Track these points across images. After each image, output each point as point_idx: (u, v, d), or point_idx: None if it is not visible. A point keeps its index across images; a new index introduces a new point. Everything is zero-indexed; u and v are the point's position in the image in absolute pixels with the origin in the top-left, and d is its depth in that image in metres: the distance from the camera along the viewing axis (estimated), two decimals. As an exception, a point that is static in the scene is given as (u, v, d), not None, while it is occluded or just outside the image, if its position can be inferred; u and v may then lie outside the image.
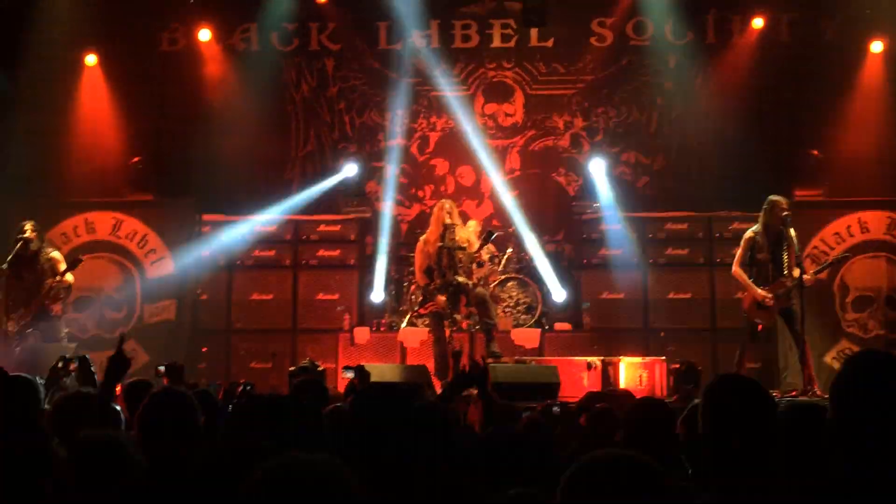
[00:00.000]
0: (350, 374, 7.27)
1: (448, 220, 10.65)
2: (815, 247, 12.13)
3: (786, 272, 10.02)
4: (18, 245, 10.39)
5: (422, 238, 11.03)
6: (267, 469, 2.15)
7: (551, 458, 4.02)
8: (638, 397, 6.97)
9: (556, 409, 6.19)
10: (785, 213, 9.92)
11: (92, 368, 6.35)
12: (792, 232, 9.99)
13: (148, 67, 13.52)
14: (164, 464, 3.62)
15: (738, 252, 10.22)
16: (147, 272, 12.58)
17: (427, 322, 11.30)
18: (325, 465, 2.15)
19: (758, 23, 13.11)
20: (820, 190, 12.49)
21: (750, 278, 10.13)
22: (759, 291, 10.03)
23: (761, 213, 10.13)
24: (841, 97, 12.82)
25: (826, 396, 9.09)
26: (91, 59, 13.26)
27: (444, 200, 11.15)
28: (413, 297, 12.11)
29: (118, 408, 4.94)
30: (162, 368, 7.57)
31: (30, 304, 10.53)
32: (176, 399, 3.96)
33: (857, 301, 12.21)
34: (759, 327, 10.39)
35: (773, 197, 10.10)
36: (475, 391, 6.14)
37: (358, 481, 2.18)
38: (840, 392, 2.79)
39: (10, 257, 10.35)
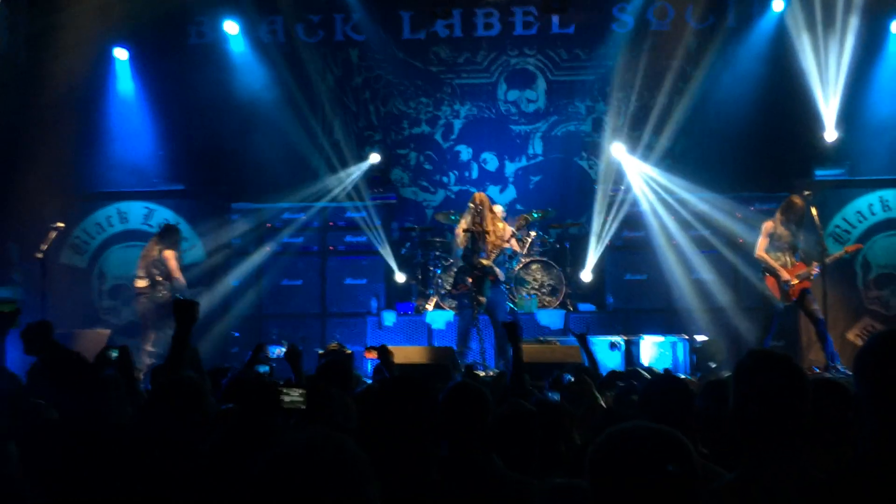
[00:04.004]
0: (371, 356, 7.43)
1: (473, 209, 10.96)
2: (837, 226, 12.22)
3: (804, 257, 10.49)
4: None
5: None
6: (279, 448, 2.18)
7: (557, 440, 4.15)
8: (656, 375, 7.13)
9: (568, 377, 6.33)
10: (801, 212, 10.41)
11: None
12: (815, 216, 10.35)
13: (177, 60, 13.72)
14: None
15: (760, 240, 10.68)
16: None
17: (454, 305, 11.61)
18: (335, 442, 2.18)
19: (778, 5, 13.13)
20: (841, 170, 12.55)
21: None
22: (785, 273, 10.38)
23: (780, 208, 10.55)
24: (862, 77, 12.84)
25: (849, 373, 9.31)
26: (122, 53, 13.48)
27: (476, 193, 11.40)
28: (440, 279, 12.37)
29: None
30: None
31: None
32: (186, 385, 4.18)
33: (879, 278, 12.28)
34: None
35: (791, 197, 10.56)
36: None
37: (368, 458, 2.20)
38: (865, 368, 2.72)
39: None
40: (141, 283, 11.21)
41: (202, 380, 5.56)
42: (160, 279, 11.18)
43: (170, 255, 11.26)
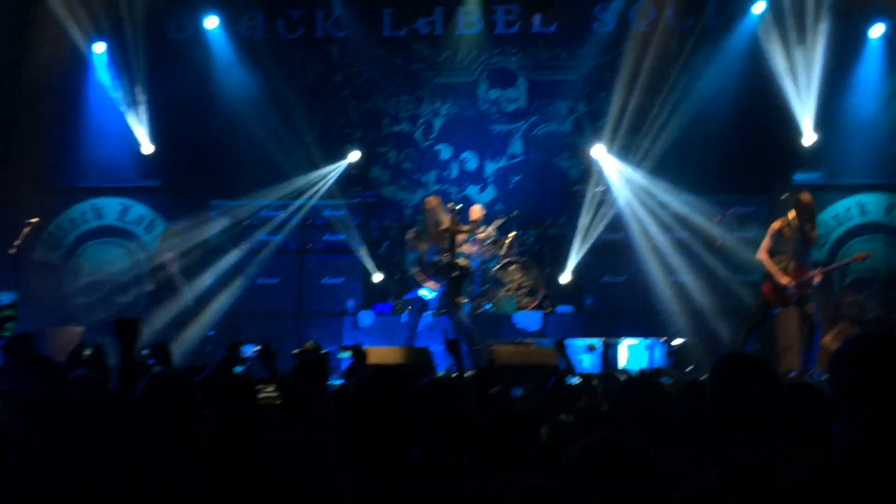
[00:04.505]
0: (346, 354, 7.40)
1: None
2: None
3: (807, 264, 10.30)
4: None
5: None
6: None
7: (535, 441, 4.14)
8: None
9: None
10: (811, 208, 10.21)
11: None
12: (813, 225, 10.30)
13: (155, 55, 13.62)
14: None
15: (765, 241, 10.46)
16: (154, 257, 12.75)
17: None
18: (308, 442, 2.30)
19: (758, 7, 13.13)
20: (819, 173, 12.57)
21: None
22: (784, 278, 10.22)
23: (790, 208, 10.33)
24: (841, 81, 12.86)
25: (825, 378, 9.29)
26: (100, 47, 13.37)
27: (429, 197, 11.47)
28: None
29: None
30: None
31: None
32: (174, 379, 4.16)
33: (856, 283, 12.34)
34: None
35: (799, 194, 10.38)
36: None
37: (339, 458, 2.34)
38: (839, 371, 2.82)
39: None
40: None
41: (105, 378, 5.57)
42: None
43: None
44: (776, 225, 10.40)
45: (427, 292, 11.38)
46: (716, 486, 2.95)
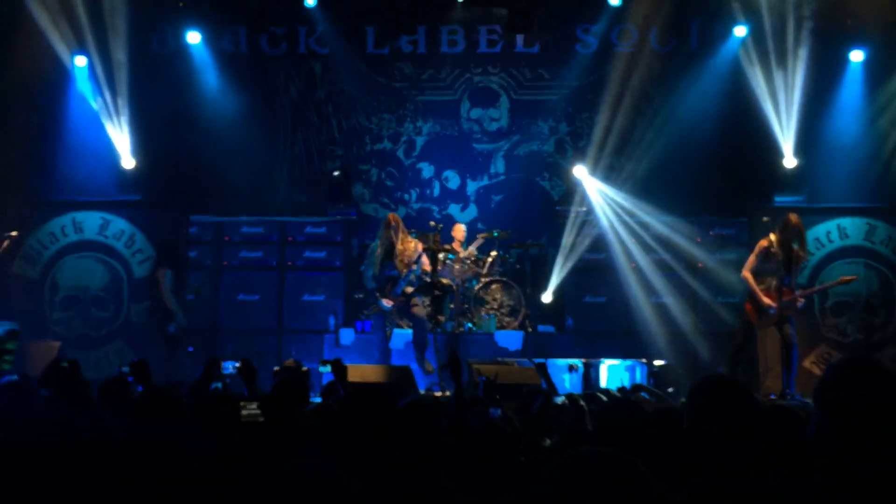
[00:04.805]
0: (326, 369, 7.35)
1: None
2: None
3: (790, 285, 10.38)
4: None
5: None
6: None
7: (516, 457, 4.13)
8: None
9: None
10: (797, 229, 10.31)
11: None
12: (803, 245, 10.41)
13: (137, 69, 13.53)
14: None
15: (751, 258, 10.54)
16: (134, 272, 12.67)
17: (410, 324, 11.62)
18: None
19: (740, 31, 13.21)
20: (800, 196, 12.63)
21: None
22: (765, 300, 10.27)
23: (777, 228, 10.43)
24: (822, 105, 12.94)
25: (805, 401, 9.33)
26: (81, 60, 13.29)
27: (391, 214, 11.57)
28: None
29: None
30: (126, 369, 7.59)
31: None
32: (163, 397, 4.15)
33: (835, 306, 12.38)
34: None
35: (787, 215, 10.49)
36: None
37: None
38: (824, 394, 2.85)
39: None
40: None
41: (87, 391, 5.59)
42: None
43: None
44: (763, 244, 10.47)
45: (385, 307, 11.36)
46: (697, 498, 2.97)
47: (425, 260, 11.23)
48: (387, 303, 11.21)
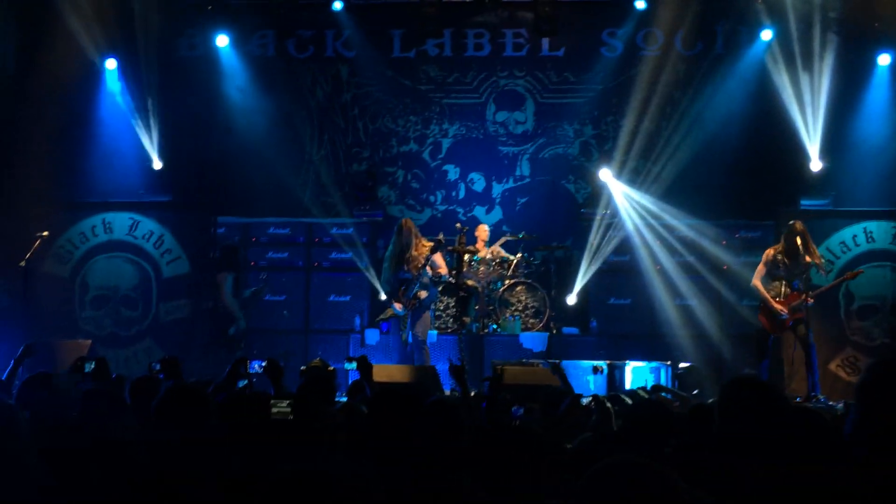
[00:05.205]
0: (352, 366, 7.42)
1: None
2: (822, 256, 12.25)
3: (801, 289, 10.57)
4: None
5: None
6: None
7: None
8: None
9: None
10: (802, 237, 10.51)
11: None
12: (811, 249, 10.54)
13: (167, 72, 13.68)
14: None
15: (759, 267, 10.88)
16: (163, 272, 12.80)
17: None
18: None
19: (766, 34, 13.20)
20: (826, 200, 12.61)
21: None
22: (776, 305, 10.50)
23: (783, 235, 10.70)
24: (849, 108, 12.92)
25: (831, 404, 9.38)
26: (111, 63, 13.44)
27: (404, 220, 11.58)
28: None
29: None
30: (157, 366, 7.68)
31: None
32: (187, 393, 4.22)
33: (861, 310, 12.34)
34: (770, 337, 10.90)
35: (793, 223, 10.71)
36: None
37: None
38: (867, 394, 2.88)
39: None
40: None
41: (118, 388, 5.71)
42: None
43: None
44: (770, 252, 10.86)
45: (397, 311, 11.41)
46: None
47: (439, 261, 11.25)
48: (399, 307, 11.25)
